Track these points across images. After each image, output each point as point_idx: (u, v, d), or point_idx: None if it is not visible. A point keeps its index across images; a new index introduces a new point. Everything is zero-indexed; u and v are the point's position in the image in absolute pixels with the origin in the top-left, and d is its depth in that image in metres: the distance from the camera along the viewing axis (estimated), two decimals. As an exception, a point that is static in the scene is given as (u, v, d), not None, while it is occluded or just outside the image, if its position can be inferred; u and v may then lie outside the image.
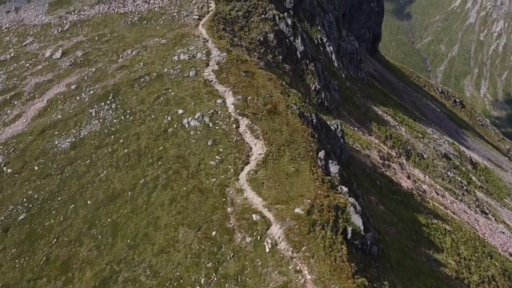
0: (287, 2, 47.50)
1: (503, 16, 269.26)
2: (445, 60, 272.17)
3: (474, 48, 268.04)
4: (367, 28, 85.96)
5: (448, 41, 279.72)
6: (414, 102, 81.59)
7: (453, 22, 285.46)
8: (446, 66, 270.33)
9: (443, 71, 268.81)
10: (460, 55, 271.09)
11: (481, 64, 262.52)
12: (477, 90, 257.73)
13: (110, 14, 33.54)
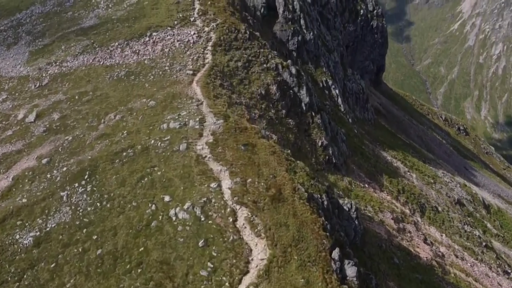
0: (290, 43, 44.05)
1: (501, 39, 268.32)
2: (445, 82, 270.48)
3: (473, 70, 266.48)
4: (371, 59, 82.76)
5: (448, 64, 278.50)
6: (421, 136, 77.76)
7: (452, 44, 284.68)
8: (446, 88, 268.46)
9: (443, 93, 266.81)
10: (460, 77, 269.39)
11: (481, 86, 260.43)
12: (478, 113, 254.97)
13: (94, 66, 29.84)
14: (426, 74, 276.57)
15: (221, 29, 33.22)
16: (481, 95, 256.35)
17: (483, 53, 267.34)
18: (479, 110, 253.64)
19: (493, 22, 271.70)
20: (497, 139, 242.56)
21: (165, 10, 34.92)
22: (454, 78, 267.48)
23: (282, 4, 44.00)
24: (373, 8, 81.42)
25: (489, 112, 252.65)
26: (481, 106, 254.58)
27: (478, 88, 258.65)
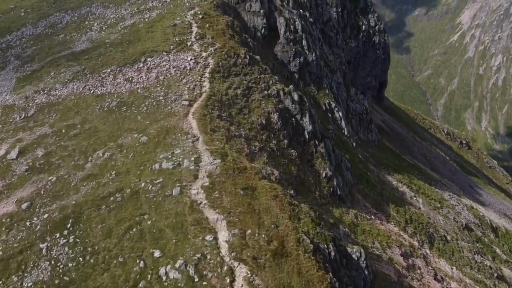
0: (292, 65, 42.18)
1: (501, 50, 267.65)
2: (445, 94, 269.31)
3: (473, 81, 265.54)
4: (373, 75, 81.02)
5: (448, 75, 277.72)
6: (425, 154, 75.68)
7: (452, 56, 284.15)
8: (446, 99, 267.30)
9: (443, 104, 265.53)
10: (460, 88, 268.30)
11: (481, 97, 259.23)
12: (478, 124, 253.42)
13: (84, 95, 27.87)
14: (426, 85, 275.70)
15: (220, 54, 31.32)
16: (481, 106, 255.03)
17: (483, 64, 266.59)
18: (480, 121, 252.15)
19: (493, 34, 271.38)
20: (498, 150, 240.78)
21: (161, 33, 33.07)
22: (454, 89, 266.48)
23: (283, 24, 42.22)
24: (375, 23, 79.88)
25: (489, 123, 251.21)
26: (482, 117, 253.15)
27: (479, 99, 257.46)
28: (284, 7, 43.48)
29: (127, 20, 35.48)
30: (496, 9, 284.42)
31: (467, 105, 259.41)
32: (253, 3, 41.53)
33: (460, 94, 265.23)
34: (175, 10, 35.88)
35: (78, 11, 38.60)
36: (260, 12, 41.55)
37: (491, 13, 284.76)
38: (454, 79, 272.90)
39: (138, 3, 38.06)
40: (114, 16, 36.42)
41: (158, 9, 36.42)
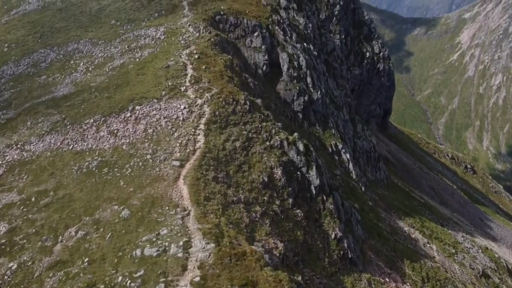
0: (296, 104, 38.74)
1: (501, 70, 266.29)
2: (446, 112, 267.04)
3: (474, 100, 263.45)
4: (378, 103, 77.75)
5: (448, 94, 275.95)
6: (433, 187, 71.87)
7: (452, 75, 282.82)
8: (447, 118, 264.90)
9: (444, 123, 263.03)
10: (461, 107, 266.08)
11: (482, 116, 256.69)
12: (480, 143, 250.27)
13: (62, 152, 24.28)
14: (426, 104, 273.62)
15: (217, 101, 27.80)
16: (482, 126, 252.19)
17: (483, 84, 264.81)
18: (481, 141, 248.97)
19: (492, 53, 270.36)
20: (500, 170, 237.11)
21: (152, 76, 29.65)
22: (454, 108, 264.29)
23: (286, 60, 38.93)
24: (379, 50, 76.99)
25: (491, 142, 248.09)
26: (483, 137, 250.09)
27: (479, 119, 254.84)
28: (287, 42, 40.27)
29: (116, 59, 32.11)
30: (495, 29, 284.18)
31: (468, 124, 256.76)
32: (254, 39, 38.32)
33: (461, 113, 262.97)
34: (169, 49, 32.56)
35: (65, 47, 35.33)
36: (262, 48, 38.32)
37: (490, 33, 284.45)
38: (454, 98, 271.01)
39: (130, 39, 34.79)
40: (103, 54, 33.09)
41: (151, 47, 33.11)
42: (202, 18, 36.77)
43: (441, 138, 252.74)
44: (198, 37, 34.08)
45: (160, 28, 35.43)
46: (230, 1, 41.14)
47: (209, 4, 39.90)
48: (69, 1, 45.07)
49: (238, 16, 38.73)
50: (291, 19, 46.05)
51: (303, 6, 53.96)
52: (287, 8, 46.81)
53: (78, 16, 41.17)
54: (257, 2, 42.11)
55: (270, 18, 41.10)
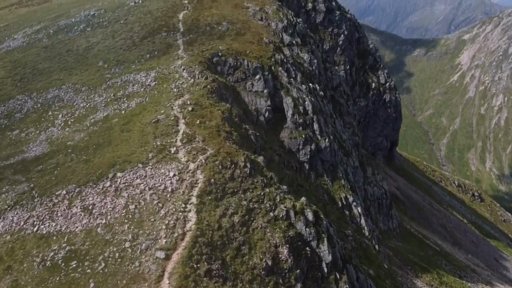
0: (301, 154, 34.58)
1: (502, 90, 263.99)
2: (448, 133, 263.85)
3: (475, 121, 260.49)
4: (384, 135, 73.75)
5: (449, 114, 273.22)
6: (444, 225, 67.23)
7: (453, 95, 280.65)
8: (449, 139, 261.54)
9: (446, 144, 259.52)
10: (462, 128, 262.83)
11: (484, 137, 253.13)
12: (482, 164, 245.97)
13: (25, 235, 19.97)
14: (428, 125, 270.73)
15: (212, 165, 23.60)
16: (484, 146, 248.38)
17: (484, 104, 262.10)
18: (484, 162, 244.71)
19: (492, 74, 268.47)
20: (504, 191, 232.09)
21: (139, 133, 25.53)
22: (456, 129, 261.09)
23: (291, 106, 34.94)
24: (385, 80, 73.39)
25: (494, 163, 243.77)
26: (486, 158, 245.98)
27: (481, 139, 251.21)
28: (291, 84, 36.35)
29: (100, 111, 28.05)
30: (495, 50, 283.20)
31: (470, 145, 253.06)
32: (255, 82, 34.41)
33: (463, 134, 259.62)
34: (159, 99, 28.54)
35: (45, 94, 31.36)
36: (264, 92, 34.36)
37: (489, 54, 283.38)
38: (456, 119, 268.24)
39: (117, 86, 30.83)
40: (85, 104, 29.06)
41: (140, 96, 29.10)
42: (198, 61, 32.92)
43: (443, 159, 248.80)
44: (192, 84, 30.10)
45: (151, 73, 31.52)
46: (230, 40, 37.43)
47: (206, 44, 36.17)
48: (56, 37, 41.44)
49: (237, 57, 34.91)
50: (295, 56, 42.31)
51: (307, 39, 50.42)
52: (290, 45, 43.14)
53: (64, 56, 37.42)
54: (259, 41, 38.39)
55: (273, 58, 37.31)
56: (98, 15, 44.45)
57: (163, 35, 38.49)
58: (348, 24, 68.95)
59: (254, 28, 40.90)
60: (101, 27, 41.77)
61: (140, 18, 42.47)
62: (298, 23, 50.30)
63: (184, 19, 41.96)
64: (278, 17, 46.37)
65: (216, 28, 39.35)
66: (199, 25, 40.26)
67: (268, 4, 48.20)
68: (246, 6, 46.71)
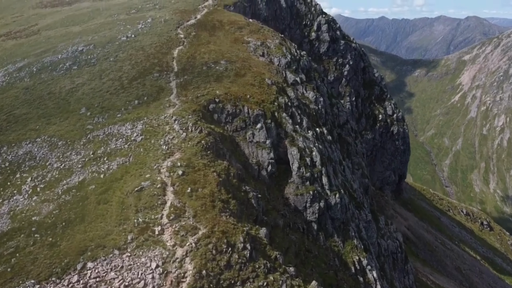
0: (309, 212, 30.08)
1: (503, 111, 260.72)
2: (450, 154, 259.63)
3: (478, 142, 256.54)
4: (392, 169, 69.29)
5: (451, 135, 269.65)
6: (459, 268, 62.17)
7: (454, 116, 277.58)
8: (451, 159, 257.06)
9: (448, 165, 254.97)
10: (465, 148, 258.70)
11: (487, 158, 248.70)
12: (486, 185, 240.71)
13: None
14: (430, 145, 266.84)
15: (205, 249, 19.16)
16: (488, 167, 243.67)
17: (486, 125, 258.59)
18: (488, 183, 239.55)
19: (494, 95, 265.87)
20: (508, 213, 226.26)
21: (118, 206, 21.17)
22: (458, 149, 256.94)
23: (296, 157, 30.66)
24: (393, 111, 69.37)
25: (497, 185, 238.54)
26: (489, 179, 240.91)
27: (484, 160, 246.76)
28: (296, 132, 32.16)
29: (75, 174, 23.78)
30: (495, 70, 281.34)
31: (473, 166, 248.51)
32: (256, 132, 30.22)
33: (465, 155, 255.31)
34: (145, 159, 24.28)
35: (16, 149, 27.14)
36: (266, 143, 30.14)
37: (490, 74, 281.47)
38: (458, 139, 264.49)
39: (98, 140, 26.63)
40: (59, 165, 24.79)
41: (123, 154, 24.85)
42: (192, 109, 28.80)
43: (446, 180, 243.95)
44: (185, 139, 25.89)
45: (137, 125, 27.37)
46: (228, 82, 33.42)
47: (202, 88, 32.14)
48: (39, 77, 37.55)
49: (237, 103, 30.82)
50: (300, 96, 38.31)
51: (312, 74, 46.61)
52: (295, 84, 39.20)
53: (45, 99, 33.41)
54: (260, 82, 34.39)
55: (276, 102, 33.22)
56: (86, 51, 40.69)
57: (155, 76, 34.55)
58: (353, 54, 65.39)
59: (255, 66, 37.01)
60: (89, 65, 37.93)
61: (132, 55, 38.67)
62: (302, 56, 46.58)
63: (179, 56, 38.14)
64: (281, 52, 42.62)
65: (214, 67, 35.44)
66: (195, 64, 36.38)
67: (270, 38, 44.51)
68: (247, 40, 43.00)
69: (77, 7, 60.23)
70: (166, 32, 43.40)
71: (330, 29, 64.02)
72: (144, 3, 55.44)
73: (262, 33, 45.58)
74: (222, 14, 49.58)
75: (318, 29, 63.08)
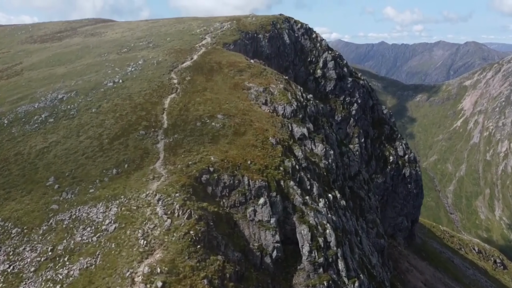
0: (323, 308, 24.14)
1: (507, 136, 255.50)
2: (454, 180, 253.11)
3: (482, 168, 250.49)
4: (405, 215, 63.36)
5: (455, 160, 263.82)
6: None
7: (457, 141, 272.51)
8: (455, 186, 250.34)
9: (452, 191, 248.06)
10: (469, 174, 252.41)
11: (492, 184, 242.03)
12: (492, 212, 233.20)
13: None
14: (433, 171, 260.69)
15: None
16: (492, 194, 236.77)
17: (489, 150, 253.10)
18: (493, 210, 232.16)
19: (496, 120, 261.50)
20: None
21: None
22: (462, 175, 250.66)
23: (307, 238, 24.98)
24: (404, 152, 63.94)
25: (503, 212, 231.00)
26: (494, 206, 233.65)
27: (489, 186, 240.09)
28: (306, 205, 26.56)
29: (24, 283, 18.10)
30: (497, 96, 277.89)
31: (477, 192, 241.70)
32: (258, 208, 24.64)
33: (469, 181, 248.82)
34: (116, 260, 18.56)
35: (-39, 237, 21.53)
36: (270, 222, 24.52)
37: (492, 100, 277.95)
38: (461, 165, 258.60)
39: (61, 228, 20.94)
40: (6, 267, 19.04)
41: (89, 252, 19.13)
42: (180, 184, 23.33)
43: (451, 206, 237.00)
44: (169, 230, 20.31)
45: (112, 207, 21.87)
46: (225, 143, 28.07)
47: (194, 152, 26.75)
48: (9, 131, 32.32)
49: (235, 173, 25.36)
50: (308, 154, 32.95)
51: (319, 119, 41.39)
52: (302, 139, 33.91)
53: (10, 162, 28.05)
54: (263, 142, 29.04)
55: (281, 167, 27.76)
56: (67, 99, 35.65)
57: (141, 134, 29.28)
58: (361, 92, 60.52)
59: (257, 121, 31.78)
60: (67, 117, 32.78)
61: (117, 105, 33.57)
62: (309, 100, 41.51)
63: (171, 107, 33.00)
64: (286, 98, 37.53)
65: (209, 124, 30.20)
66: (188, 118, 31.17)
67: (273, 83, 39.50)
68: (248, 86, 37.99)
69: (67, 43, 55.72)
70: (157, 77, 38.46)
71: (337, 66, 59.34)
72: (137, 40, 50.83)
73: (264, 77, 40.64)
74: (221, 54, 44.82)
75: (324, 66, 58.40)
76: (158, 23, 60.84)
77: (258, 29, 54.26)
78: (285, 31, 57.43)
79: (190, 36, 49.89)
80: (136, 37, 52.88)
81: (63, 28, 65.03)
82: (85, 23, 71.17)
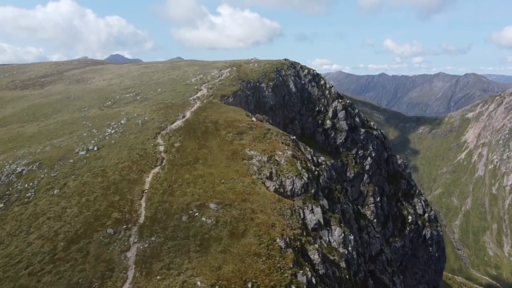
0: None
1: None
2: (460, 214, 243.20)
3: (488, 201, 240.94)
4: (426, 282, 54.95)
5: (460, 194, 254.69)
6: None
7: (461, 174, 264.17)
8: (461, 220, 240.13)
9: (459, 226, 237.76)
10: (475, 208, 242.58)
11: (499, 219, 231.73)
12: (500, 248, 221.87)
13: None
14: (438, 205, 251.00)
15: None
16: (500, 229, 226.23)
17: (495, 184, 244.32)
18: (501, 246, 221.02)
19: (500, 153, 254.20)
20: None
21: None
22: (468, 210, 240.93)
23: None
24: (424, 210, 56.24)
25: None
26: (503, 241, 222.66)
27: (496, 221, 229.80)
28: None
29: None
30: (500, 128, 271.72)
31: (484, 227, 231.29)
32: None
33: (476, 215, 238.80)
34: None
35: None
36: None
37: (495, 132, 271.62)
38: (467, 199, 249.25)
39: None
40: None
41: None
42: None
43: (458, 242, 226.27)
44: None
45: None
46: (218, 253, 20.49)
47: (174, 269, 19.15)
48: None
49: (230, 306, 17.77)
50: (326, 250, 25.41)
51: (334, 190, 34.07)
52: (317, 229, 26.43)
53: None
54: (268, 246, 21.52)
55: (294, 283, 20.15)
56: (26, 173, 28.52)
57: (108, 233, 21.90)
58: (375, 143, 53.47)
59: (260, 210, 24.40)
60: (21, 201, 25.53)
61: (86, 184, 26.37)
62: (321, 165, 34.38)
63: (152, 189, 25.75)
64: (295, 169, 30.32)
65: (198, 219, 22.80)
66: (171, 208, 23.83)
67: (279, 148, 32.40)
68: (249, 155, 30.85)
69: (48, 91, 49.36)
70: (140, 143, 31.46)
71: (348, 115, 52.60)
72: (124, 91, 44.23)
73: (269, 140, 33.62)
74: (218, 111, 38.00)
75: (334, 116, 51.63)
76: (151, 69, 54.72)
77: (261, 77, 47.83)
78: (290, 78, 51.05)
79: (184, 87, 43.29)
80: (124, 86, 46.36)
81: (49, 72, 59.07)
82: (74, 65, 65.34)
